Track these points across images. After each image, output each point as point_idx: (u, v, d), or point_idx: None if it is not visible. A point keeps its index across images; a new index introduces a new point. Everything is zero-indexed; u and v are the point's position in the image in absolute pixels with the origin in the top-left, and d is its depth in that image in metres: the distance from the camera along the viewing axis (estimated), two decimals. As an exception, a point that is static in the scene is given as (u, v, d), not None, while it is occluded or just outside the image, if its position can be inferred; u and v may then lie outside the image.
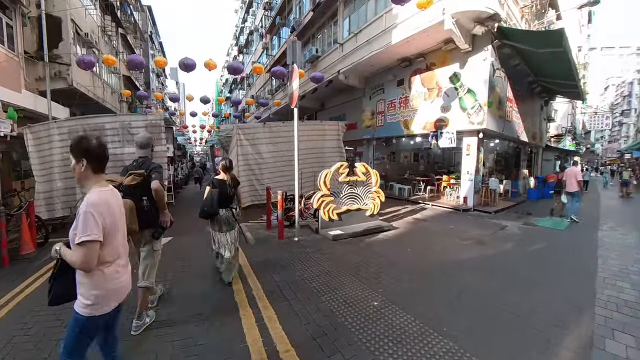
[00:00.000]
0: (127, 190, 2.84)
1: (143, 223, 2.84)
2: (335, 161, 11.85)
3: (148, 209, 3.01)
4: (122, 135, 9.07)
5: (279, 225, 6.09)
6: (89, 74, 16.23)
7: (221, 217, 4.01)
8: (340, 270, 4.63)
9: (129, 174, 2.96)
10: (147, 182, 3.00)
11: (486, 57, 9.76)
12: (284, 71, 10.57)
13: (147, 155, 3.31)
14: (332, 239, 6.20)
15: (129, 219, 2.40)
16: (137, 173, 2.96)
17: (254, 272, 4.59)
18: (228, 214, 4.09)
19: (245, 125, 10.14)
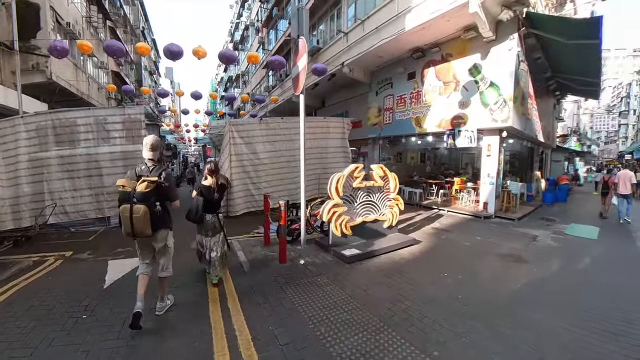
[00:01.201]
0: (141, 197, 2.86)
1: (156, 226, 2.98)
2: (339, 162, 10.64)
3: (161, 213, 3.03)
4: (97, 133, 7.71)
5: (281, 246, 4.79)
6: (72, 67, 14.89)
7: (207, 222, 4.03)
8: (367, 315, 3.31)
9: (143, 181, 2.90)
10: (160, 188, 3.00)
11: (512, 46, 8.62)
12: (283, 61, 9.24)
13: (155, 158, 3.18)
14: (347, 261, 4.89)
15: (142, 224, 2.77)
16: (151, 180, 2.92)
17: (245, 319, 3.26)
18: (214, 219, 4.07)
19: (239, 121, 8.81)
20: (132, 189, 2.89)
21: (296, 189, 9.39)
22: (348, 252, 5.16)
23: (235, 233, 6.72)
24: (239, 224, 7.68)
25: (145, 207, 2.80)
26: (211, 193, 3.96)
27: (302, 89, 4.71)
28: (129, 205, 2.84)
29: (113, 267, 4.81)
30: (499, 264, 5.11)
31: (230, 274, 4.33)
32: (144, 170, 3.10)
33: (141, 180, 2.93)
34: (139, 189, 2.87)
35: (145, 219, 2.79)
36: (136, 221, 2.81)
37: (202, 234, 4.10)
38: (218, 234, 4.11)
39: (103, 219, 7.83)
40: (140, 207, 2.81)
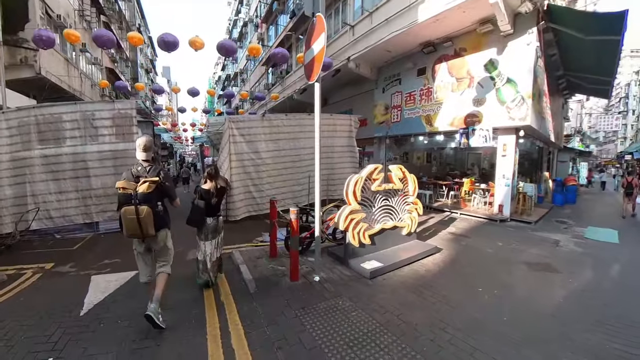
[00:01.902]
0: (143, 198, 2.86)
1: (158, 226, 2.98)
2: (346, 162, 9.98)
3: (163, 213, 3.05)
4: (84, 130, 7.00)
5: (292, 261, 4.05)
6: (63, 62, 14.15)
7: (208, 225, 3.92)
8: (410, 353, 2.64)
9: (144, 181, 2.88)
10: (161, 188, 3.00)
11: (530, 41, 8.04)
12: (286, 54, 8.57)
13: (149, 158, 3.11)
14: (369, 277, 4.22)
15: (146, 225, 2.81)
16: (153, 180, 2.91)
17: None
18: (214, 222, 3.97)
19: (239, 118, 8.12)
20: (133, 190, 2.85)
21: (301, 190, 8.73)
22: (368, 265, 4.50)
23: (235, 241, 6.05)
24: (239, 230, 7.00)
25: (148, 208, 2.83)
26: (210, 197, 3.85)
27: (317, 76, 4.03)
28: (133, 207, 2.81)
29: (95, 285, 4.12)
30: (530, 275, 4.69)
31: (233, 296, 3.65)
32: (141, 171, 3.03)
33: (142, 182, 2.89)
34: (140, 190, 2.85)
35: (149, 219, 2.83)
36: (141, 222, 2.80)
37: (203, 239, 3.94)
38: (218, 236, 4.02)
39: (91, 224, 7.11)
40: (144, 208, 2.81)
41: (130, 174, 3.03)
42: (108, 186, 6.95)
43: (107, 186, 6.94)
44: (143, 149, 3.06)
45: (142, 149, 3.06)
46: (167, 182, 3.08)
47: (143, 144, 3.06)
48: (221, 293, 3.73)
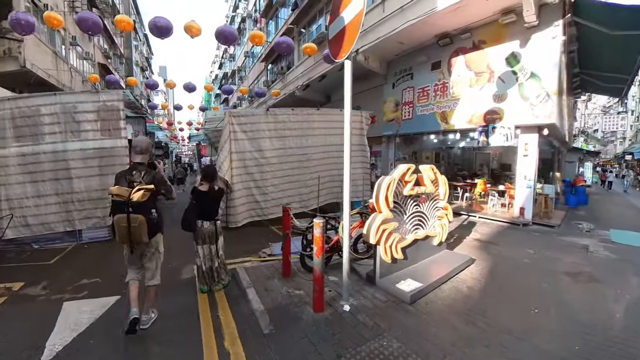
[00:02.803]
0: (138, 206, 2.68)
1: (152, 233, 2.83)
2: (356, 163, 9.07)
3: (157, 220, 2.89)
4: (65, 124, 6.08)
5: (316, 287, 3.14)
6: (51, 55, 13.19)
7: (204, 229, 3.66)
8: None
9: (139, 189, 2.68)
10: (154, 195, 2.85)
11: (556, 34, 7.42)
12: (291, 44, 7.70)
13: (145, 162, 2.93)
14: (409, 301, 3.41)
15: (139, 234, 2.67)
16: (147, 188, 2.73)
17: None
18: (211, 227, 3.71)
19: (241, 112, 7.22)
20: (126, 197, 2.66)
21: (309, 193, 7.89)
22: (405, 286, 3.67)
23: (238, 254, 5.16)
24: (241, 239, 6.13)
25: (142, 217, 2.69)
26: (207, 200, 3.65)
27: (350, 51, 3.21)
28: (125, 216, 2.65)
29: (65, 317, 3.24)
30: (576, 288, 4.23)
31: (242, 340, 2.77)
32: (135, 177, 2.83)
33: (137, 189, 2.69)
34: (135, 199, 2.66)
35: (143, 228, 2.70)
36: (134, 231, 2.68)
37: (200, 244, 3.70)
38: (216, 243, 3.76)
39: (73, 232, 6.19)
40: (137, 217, 2.66)
41: (124, 179, 2.81)
42: (92, 189, 6.05)
43: (91, 189, 6.05)
44: (138, 151, 2.84)
45: (138, 151, 2.84)
46: (162, 187, 2.93)
47: (138, 146, 2.86)
48: (225, 336, 2.85)
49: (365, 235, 3.84)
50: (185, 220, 3.58)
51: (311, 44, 8.65)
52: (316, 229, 3.05)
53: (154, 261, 3.03)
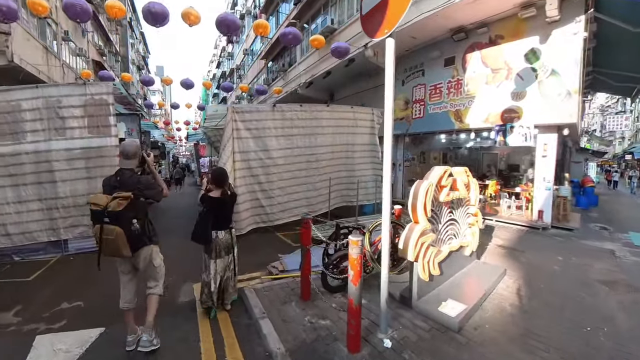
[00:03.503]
0: (114, 216, 2.32)
1: (135, 246, 2.48)
2: (366, 164, 8.36)
3: (140, 232, 2.49)
4: (48, 121, 5.35)
5: (352, 321, 2.45)
6: (41, 50, 12.46)
7: (220, 240, 3.20)
8: None
9: (113, 198, 2.34)
10: (136, 203, 2.44)
11: (578, 30, 7.01)
12: (298, 34, 7.04)
13: (133, 167, 2.59)
14: (456, 329, 2.79)
15: (117, 246, 2.32)
16: (123, 196, 2.35)
17: None
18: (228, 236, 3.27)
19: (245, 108, 6.52)
20: (103, 206, 2.29)
21: (317, 197, 7.24)
22: (449, 309, 3.05)
23: (244, 268, 4.41)
24: (246, 249, 5.39)
25: (119, 229, 2.30)
26: (220, 207, 3.21)
27: (394, 28, 2.57)
28: (99, 227, 2.32)
29: (36, 358, 2.56)
30: (617, 298, 3.91)
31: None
32: (112, 181, 2.50)
33: (112, 197, 2.34)
34: (111, 208, 2.29)
35: (120, 241, 2.31)
36: (109, 243, 2.32)
37: (213, 257, 3.21)
38: (230, 253, 3.35)
39: (58, 242, 5.47)
40: (113, 228, 2.29)
41: (108, 184, 2.51)
42: (79, 194, 5.34)
43: (77, 194, 5.33)
44: (125, 156, 2.55)
45: (125, 156, 2.55)
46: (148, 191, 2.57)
47: (126, 150, 2.56)
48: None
49: (402, 250, 3.20)
50: (197, 232, 3.15)
51: (318, 36, 8.00)
52: (352, 249, 2.39)
53: (151, 275, 2.73)
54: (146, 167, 2.77)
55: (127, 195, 2.36)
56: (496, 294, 3.85)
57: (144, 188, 2.51)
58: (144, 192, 2.49)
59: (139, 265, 2.62)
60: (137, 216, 2.44)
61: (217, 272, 3.21)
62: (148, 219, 2.60)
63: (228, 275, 3.32)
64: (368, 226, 4.11)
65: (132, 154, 2.57)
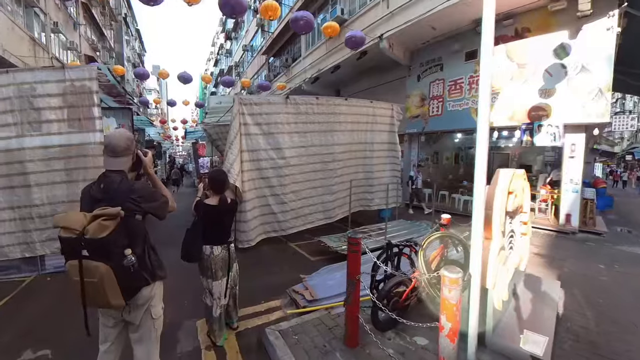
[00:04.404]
0: (98, 246, 1.42)
1: (131, 289, 1.58)
2: (384, 165, 7.43)
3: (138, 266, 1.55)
4: (21, 113, 4.36)
5: None
6: (28, 41, 11.51)
7: (215, 258, 2.62)
8: None
9: (94, 216, 1.45)
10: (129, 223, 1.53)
11: (611, 25, 6.56)
12: (310, 19, 6.15)
13: (125, 168, 1.68)
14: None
15: (105, 294, 1.43)
16: (108, 214, 1.46)
17: None
18: (225, 252, 2.68)
19: (253, 99, 5.55)
20: (79, 232, 1.40)
21: (334, 201, 6.37)
22: (533, 345, 2.25)
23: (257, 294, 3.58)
24: (257, 267, 4.56)
25: (104, 267, 1.41)
26: (218, 217, 2.64)
27: None
28: (77, 263, 1.41)
29: None
30: None
31: None
32: (94, 191, 1.60)
33: (92, 216, 1.44)
34: (91, 233, 1.41)
35: (107, 285, 1.42)
36: (91, 290, 1.44)
37: (211, 277, 2.62)
38: (231, 272, 2.76)
39: (33, 259, 4.49)
40: (95, 266, 1.41)
41: (87, 196, 1.62)
42: (57, 201, 4.38)
43: (55, 201, 4.37)
44: (111, 152, 1.64)
45: (111, 153, 1.64)
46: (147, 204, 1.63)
47: (112, 143, 1.65)
48: None
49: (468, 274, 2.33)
50: (186, 247, 2.55)
51: (332, 23, 7.12)
52: (449, 289, 1.52)
53: (144, 340, 1.72)
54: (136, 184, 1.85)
55: (115, 212, 1.48)
56: (563, 315, 3.30)
57: (141, 200, 1.63)
58: (141, 206, 1.62)
59: (134, 317, 1.69)
60: (132, 243, 1.57)
61: (222, 295, 2.67)
62: (149, 244, 1.72)
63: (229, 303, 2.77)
64: (416, 240, 3.26)
65: (122, 150, 1.67)
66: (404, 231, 5.79)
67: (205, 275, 2.66)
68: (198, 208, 2.66)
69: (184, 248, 2.57)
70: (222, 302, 2.66)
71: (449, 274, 1.67)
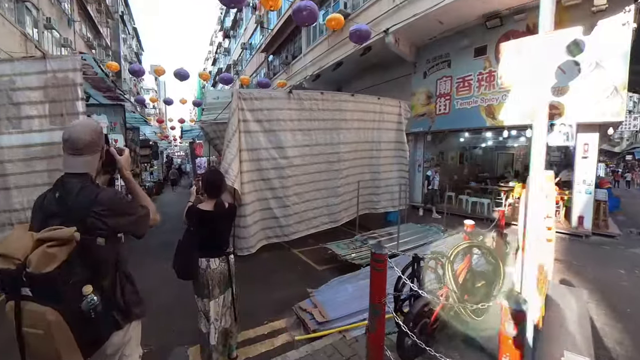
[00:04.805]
0: (42, 283, 1.00)
1: (96, 339, 1.16)
2: (392, 165, 7.02)
3: (103, 307, 1.12)
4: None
5: None
6: (19, 36, 11.07)
7: (212, 272, 2.22)
8: None
9: (40, 241, 1.02)
10: (89, 251, 1.11)
11: (627, 20, 6.26)
12: (314, 9, 5.74)
13: (90, 171, 1.26)
14: None
15: (56, 351, 1.01)
16: (57, 237, 1.03)
17: None
18: (223, 265, 2.28)
19: (254, 93, 5.09)
20: (19, 262, 0.99)
21: (339, 204, 5.97)
22: None
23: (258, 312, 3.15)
24: (257, 277, 4.12)
25: (55, 313, 0.99)
26: (214, 224, 2.25)
27: None
28: (12, 306, 1.01)
29: None
30: None
31: None
32: (48, 202, 1.20)
33: (36, 240, 1.02)
34: (33, 265, 0.98)
35: (60, 339, 1.00)
36: (37, 345, 1.03)
37: (207, 296, 2.21)
38: (229, 289, 2.34)
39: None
40: (42, 312, 0.99)
41: (41, 210, 1.19)
42: (38, 204, 3.95)
43: (35, 204, 3.95)
44: (70, 148, 1.22)
45: (70, 149, 1.22)
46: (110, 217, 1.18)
47: (70, 137, 1.22)
48: None
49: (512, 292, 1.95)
50: (183, 263, 2.15)
51: (337, 15, 6.72)
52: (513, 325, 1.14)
53: None
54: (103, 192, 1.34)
55: (66, 235, 1.04)
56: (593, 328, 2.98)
57: (109, 214, 1.19)
58: (107, 222, 1.17)
59: None
60: (95, 277, 1.14)
61: (219, 317, 2.28)
62: (122, 272, 1.28)
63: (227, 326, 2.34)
64: (442, 251, 2.87)
65: (86, 146, 1.24)
66: (415, 236, 5.41)
67: (201, 295, 2.25)
68: (191, 215, 2.28)
69: (180, 264, 2.17)
70: (220, 325, 2.26)
71: (513, 305, 1.28)
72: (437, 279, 2.70)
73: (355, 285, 3.26)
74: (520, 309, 1.35)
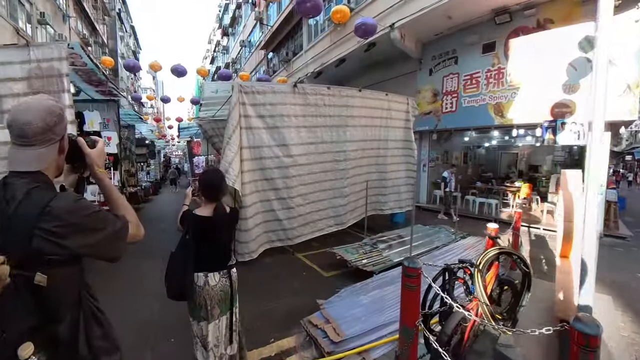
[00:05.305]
0: None
1: None
2: (399, 164, 6.66)
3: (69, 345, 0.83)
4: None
5: None
6: (11, 32, 10.77)
7: (211, 290, 1.86)
8: None
9: None
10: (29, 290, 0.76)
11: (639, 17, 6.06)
12: (319, 1, 5.43)
13: (39, 168, 0.87)
14: None
15: None
16: None
17: None
18: (225, 281, 1.92)
19: (256, 86, 4.74)
20: None
21: (345, 205, 5.66)
22: None
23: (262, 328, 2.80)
24: (258, 285, 3.79)
25: None
26: (213, 232, 1.88)
27: None
28: None
29: None
30: None
31: None
32: None
33: None
34: None
35: None
36: None
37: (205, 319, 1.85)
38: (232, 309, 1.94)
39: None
40: None
41: None
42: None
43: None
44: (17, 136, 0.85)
45: (16, 138, 0.85)
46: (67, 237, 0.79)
47: (15, 121, 0.84)
48: None
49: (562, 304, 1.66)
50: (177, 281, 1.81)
51: (342, 7, 6.41)
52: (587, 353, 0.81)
53: None
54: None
55: None
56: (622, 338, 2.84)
57: (65, 232, 0.82)
58: (63, 244, 0.82)
59: None
60: (43, 327, 0.82)
61: (220, 343, 1.90)
62: (87, 311, 0.95)
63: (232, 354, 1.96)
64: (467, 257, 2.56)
65: (39, 133, 0.86)
66: (426, 239, 5.11)
67: (197, 317, 1.90)
68: (186, 221, 1.94)
69: (173, 282, 1.82)
70: (220, 352, 1.89)
71: (586, 329, 1.02)
72: (465, 291, 2.40)
73: (370, 295, 2.96)
74: (595, 333, 1.09)
